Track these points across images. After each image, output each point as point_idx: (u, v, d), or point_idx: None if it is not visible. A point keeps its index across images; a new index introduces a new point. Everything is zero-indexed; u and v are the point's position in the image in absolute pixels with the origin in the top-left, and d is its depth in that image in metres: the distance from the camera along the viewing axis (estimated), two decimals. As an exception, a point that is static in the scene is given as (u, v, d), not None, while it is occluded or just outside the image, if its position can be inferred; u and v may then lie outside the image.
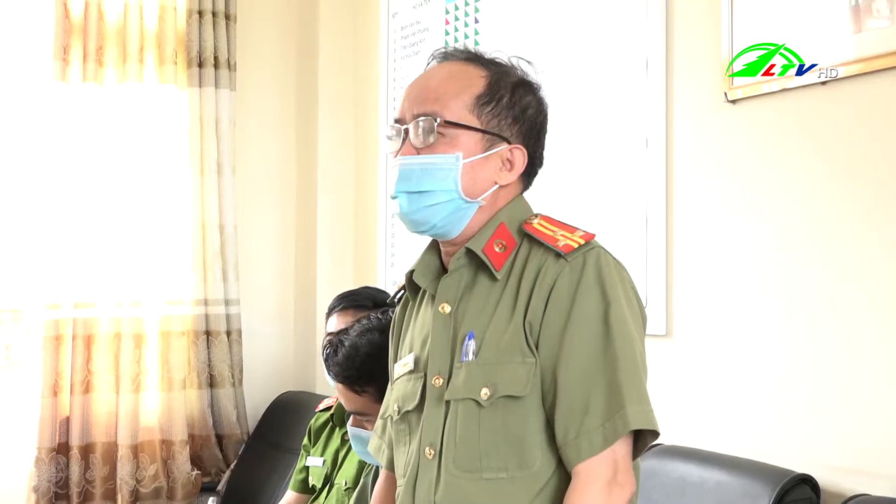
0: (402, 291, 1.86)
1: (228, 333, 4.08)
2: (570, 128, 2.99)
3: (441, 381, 1.64)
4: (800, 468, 2.22)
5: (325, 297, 3.06)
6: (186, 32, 4.01)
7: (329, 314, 2.87)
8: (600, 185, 2.89)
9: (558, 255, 1.58)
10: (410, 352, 1.74)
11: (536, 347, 1.56)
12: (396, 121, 1.69)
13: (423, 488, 1.63)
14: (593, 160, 2.92)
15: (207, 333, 4.04)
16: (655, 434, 1.54)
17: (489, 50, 1.75)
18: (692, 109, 2.63)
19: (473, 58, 1.70)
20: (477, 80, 1.65)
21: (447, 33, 3.61)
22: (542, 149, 1.74)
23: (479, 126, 1.63)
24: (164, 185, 3.98)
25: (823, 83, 2.28)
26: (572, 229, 1.64)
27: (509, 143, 1.66)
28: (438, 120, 1.62)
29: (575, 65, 3.00)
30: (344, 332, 2.20)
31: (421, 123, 1.63)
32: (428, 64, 1.74)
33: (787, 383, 2.37)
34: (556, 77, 3.06)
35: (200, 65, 4.03)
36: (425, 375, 1.68)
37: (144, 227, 3.94)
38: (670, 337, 2.65)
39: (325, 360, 2.19)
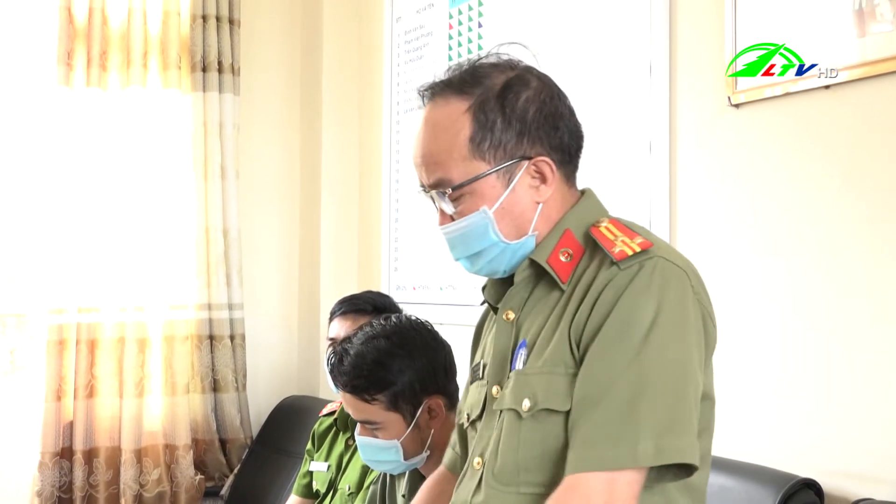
0: None
1: (232, 338, 4.08)
2: (574, 132, 2.99)
3: (499, 390, 1.58)
4: (804, 473, 2.21)
5: (329, 302, 3.06)
6: (190, 37, 4.01)
7: (330, 318, 2.88)
8: (604, 189, 2.85)
9: (612, 261, 1.47)
10: (482, 357, 1.69)
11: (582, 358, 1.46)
12: (421, 185, 1.61)
13: (461, 496, 1.60)
14: (596, 165, 2.90)
15: (211, 338, 4.04)
16: (693, 466, 1.40)
17: (468, 56, 1.66)
18: (695, 114, 2.63)
19: (452, 86, 1.58)
20: (461, 120, 1.55)
21: (451, 38, 3.61)
22: (569, 129, 1.61)
23: (488, 168, 1.54)
24: (168, 190, 3.98)
25: (827, 87, 2.27)
26: (633, 235, 1.52)
27: (529, 157, 1.55)
28: (448, 191, 1.55)
29: (578, 69, 2.99)
30: (347, 340, 2.19)
31: (437, 197, 1.57)
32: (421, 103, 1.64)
33: (790, 387, 2.37)
34: (560, 81, 3.05)
35: (204, 69, 4.03)
36: (488, 381, 1.62)
37: (148, 231, 3.94)
38: (674, 341, 2.64)
39: (331, 371, 2.18)
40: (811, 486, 2.20)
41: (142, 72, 3.94)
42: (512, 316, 1.60)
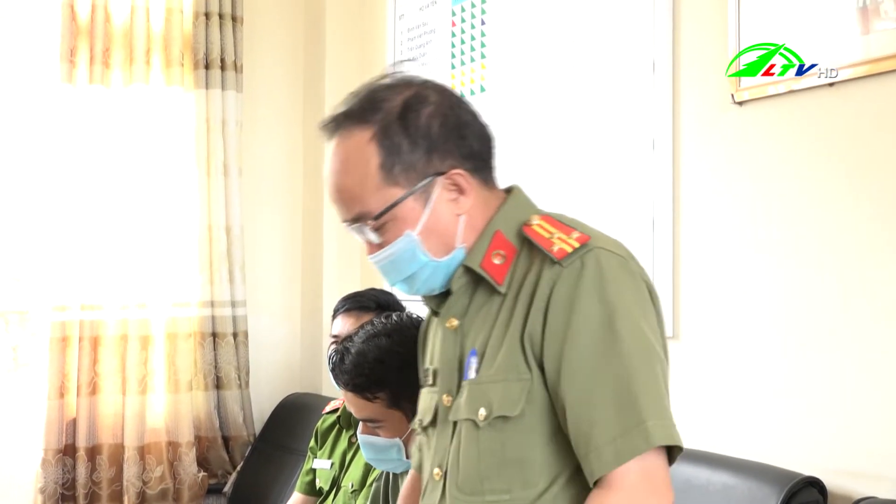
0: None
1: (235, 335, 4.08)
2: (577, 129, 2.99)
3: (450, 399, 1.58)
4: (807, 471, 2.21)
5: (332, 299, 3.06)
6: (193, 34, 4.01)
7: (334, 316, 2.88)
8: (607, 186, 2.88)
9: (553, 260, 1.47)
10: (431, 363, 1.69)
11: (542, 362, 1.47)
12: (343, 220, 1.60)
13: None
14: (599, 162, 2.91)
15: (214, 335, 4.04)
16: (680, 450, 1.44)
17: (362, 80, 1.62)
18: (699, 111, 2.62)
19: (352, 116, 1.56)
20: (368, 150, 1.53)
21: (453, 35, 3.61)
22: (476, 134, 1.59)
23: (403, 192, 1.53)
24: (171, 187, 3.98)
25: (831, 84, 2.27)
26: (569, 230, 1.51)
27: (442, 172, 1.54)
28: (370, 222, 1.54)
29: (581, 66, 2.99)
30: (349, 338, 2.18)
31: (358, 231, 1.58)
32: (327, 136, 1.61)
33: (793, 385, 2.37)
34: (563, 78, 3.06)
35: (207, 67, 4.03)
36: (438, 388, 1.63)
37: (151, 228, 3.94)
38: (677, 339, 2.64)
39: (332, 370, 2.17)
40: (814, 485, 2.20)
41: (145, 69, 3.93)
42: (455, 323, 1.60)
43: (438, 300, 1.64)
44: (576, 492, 1.48)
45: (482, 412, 1.49)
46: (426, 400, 1.68)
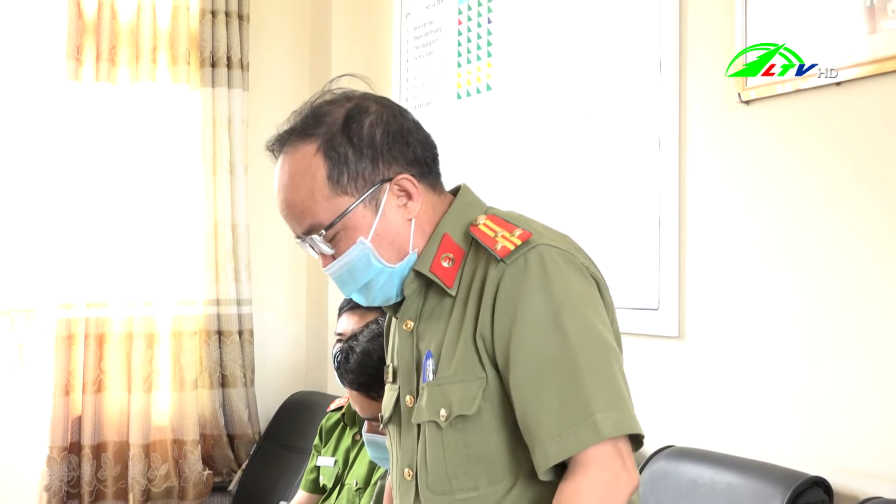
0: None
1: (240, 333, 4.08)
2: (583, 128, 2.98)
3: (413, 400, 1.62)
4: (813, 470, 2.21)
5: (337, 298, 3.06)
6: (199, 32, 4.02)
7: (339, 314, 2.88)
8: (613, 185, 2.88)
9: (497, 259, 1.51)
10: (392, 360, 1.73)
11: (495, 360, 1.51)
12: (296, 236, 1.65)
13: None
14: (606, 161, 2.91)
15: (219, 333, 4.05)
16: (640, 437, 1.49)
17: (308, 97, 1.64)
18: (705, 110, 2.62)
19: (296, 132, 1.60)
20: (315, 163, 1.56)
21: (460, 33, 3.60)
22: (420, 141, 1.63)
23: (352, 201, 1.56)
24: (177, 185, 3.99)
25: (838, 84, 2.26)
26: (512, 227, 1.55)
27: (389, 179, 1.58)
28: (322, 233, 1.58)
29: (588, 65, 2.99)
30: (353, 337, 2.19)
31: (311, 244, 1.61)
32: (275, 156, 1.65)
33: (799, 385, 2.36)
34: (570, 77, 3.05)
35: (213, 65, 4.03)
36: (400, 388, 1.67)
37: (156, 226, 3.95)
38: (683, 339, 2.64)
39: (337, 369, 2.18)
40: (820, 484, 2.20)
41: (151, 67, 3.94)
42: (411, 325, 1.64)
43: (394, 305, 1.68)
44: (541, 486, 1.51)
45: (443, 413, 1.54)
46: (387, 396, 1.72)
